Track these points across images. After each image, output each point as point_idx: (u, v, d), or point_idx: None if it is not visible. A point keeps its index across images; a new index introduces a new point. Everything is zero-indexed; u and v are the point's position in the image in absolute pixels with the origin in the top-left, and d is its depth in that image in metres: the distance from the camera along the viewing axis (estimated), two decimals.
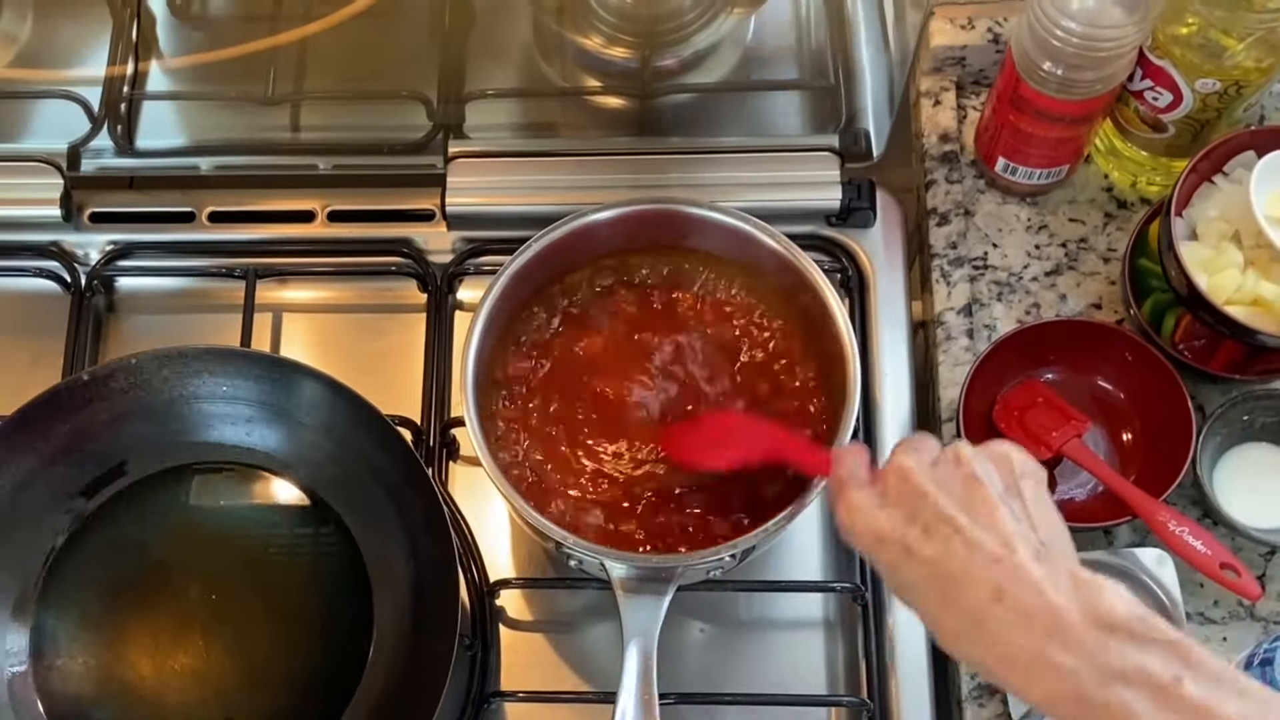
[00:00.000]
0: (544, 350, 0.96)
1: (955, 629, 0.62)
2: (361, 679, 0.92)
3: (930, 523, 0.64)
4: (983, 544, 0.63)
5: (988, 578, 0.62)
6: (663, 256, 0.98)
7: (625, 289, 0.98)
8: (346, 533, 0.95)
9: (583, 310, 0.97)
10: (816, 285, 0.92)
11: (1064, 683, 0.59)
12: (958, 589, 0.62)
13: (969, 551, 0.63)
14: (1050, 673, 0.59)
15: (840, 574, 0.99)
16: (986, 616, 0.61)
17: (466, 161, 1.09)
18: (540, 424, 0.94)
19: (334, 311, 1.10)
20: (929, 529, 0.64)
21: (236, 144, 1.16)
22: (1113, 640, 0.59)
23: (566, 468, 0.93)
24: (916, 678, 0.94)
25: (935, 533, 0.64)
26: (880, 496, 0.68)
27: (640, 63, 1.16)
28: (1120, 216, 1.06)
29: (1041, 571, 0.61)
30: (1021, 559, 0.62)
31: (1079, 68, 0.92)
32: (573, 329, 0.97)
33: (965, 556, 0.62)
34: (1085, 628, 0.59)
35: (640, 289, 0.98)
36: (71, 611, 0.93)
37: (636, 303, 0.98)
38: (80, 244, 1.10)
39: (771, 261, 0.94)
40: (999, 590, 0.61)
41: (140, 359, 0.94)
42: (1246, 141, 0.94)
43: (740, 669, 0.97)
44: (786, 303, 0.96)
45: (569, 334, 0.96)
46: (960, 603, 0.62)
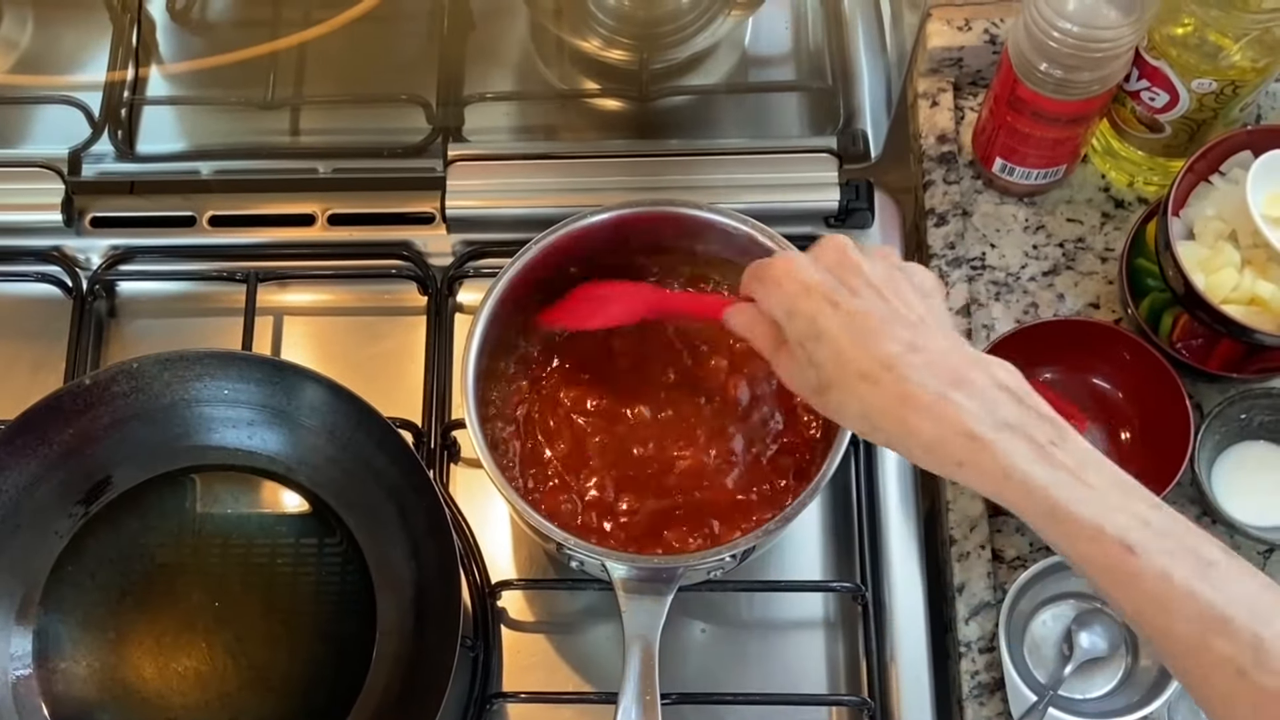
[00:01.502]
0: (544, 353, 0.96)
1: (862, 370, 0.67)
2: (364, 681, 0.92)
3: (858, 287, 0.70)
4: (903, 312, 0.69)
5: (905, 335, 0.68)
6: (662, 258, 0.98)
7: None
8: (348, 535, 0.96)
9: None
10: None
11: (961, 420, 0.65)
12: (875, 338, 0.68)
13: (890, 312, 0.69)
14: (949, 410, 0.65)
15: (840, 574, 1.00)
16: (897, 362, 0.67)
17: (466, 164, 1.09)
18: (540, 426, 0.94)
19: (335, 314, 1.10)
20: (856, 291, 0.70)
21: (237, 148, 1.16)
22: (1002, 396, 0.66)
23: (567, 469, 0.93)
24: (917, 677, 0.95)
25: (861, 294, 0.70)
26: (815, 261, 0.72)
27: (638, 65, 1.16)
28: (1117, 216, 1.06)
29: (951, 344, 0.69)
30: (936, 330, 0.69)
31: (1075, 68, 0.92)
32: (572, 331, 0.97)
33: (886, 315, 0.69)
34: (985, 384, 0.66)
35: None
36: (75, 615, 0.93)
37: None
38: (81, 249, 1.10)
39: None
40: (913, 344, 0.68)
41: (141, 363, 0.94)
42: (1243, 141, 0.95)
43: (741, 669, 0.98)
44: None
45: (571, 336, 0.97)
46: (874, 349, 0.67)
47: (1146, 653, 0.92)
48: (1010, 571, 0.96)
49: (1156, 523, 0.63)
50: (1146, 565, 0.61)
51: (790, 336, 0.71)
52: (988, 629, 0.94)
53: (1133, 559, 0.61)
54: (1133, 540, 0.62)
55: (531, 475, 0.93)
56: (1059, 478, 0.64)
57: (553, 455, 0.93)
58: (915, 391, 0.66)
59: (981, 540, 0.96)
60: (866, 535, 0.99)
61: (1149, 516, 0.63)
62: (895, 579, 0.97)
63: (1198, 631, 0.60)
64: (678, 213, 0.95)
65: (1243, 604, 0.60)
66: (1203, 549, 0.62)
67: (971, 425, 0.65)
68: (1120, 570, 0.62)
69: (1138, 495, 0.64)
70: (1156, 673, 0.91)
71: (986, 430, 0.65)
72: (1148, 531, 0.62)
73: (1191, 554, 0.62)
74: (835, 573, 1.00)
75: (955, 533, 0.97)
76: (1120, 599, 0.63)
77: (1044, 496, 0.63)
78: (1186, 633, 0.61)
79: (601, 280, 0.93)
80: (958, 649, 0.94)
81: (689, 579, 0.90)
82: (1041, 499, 0.63)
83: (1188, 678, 0.62)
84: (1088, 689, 0.93)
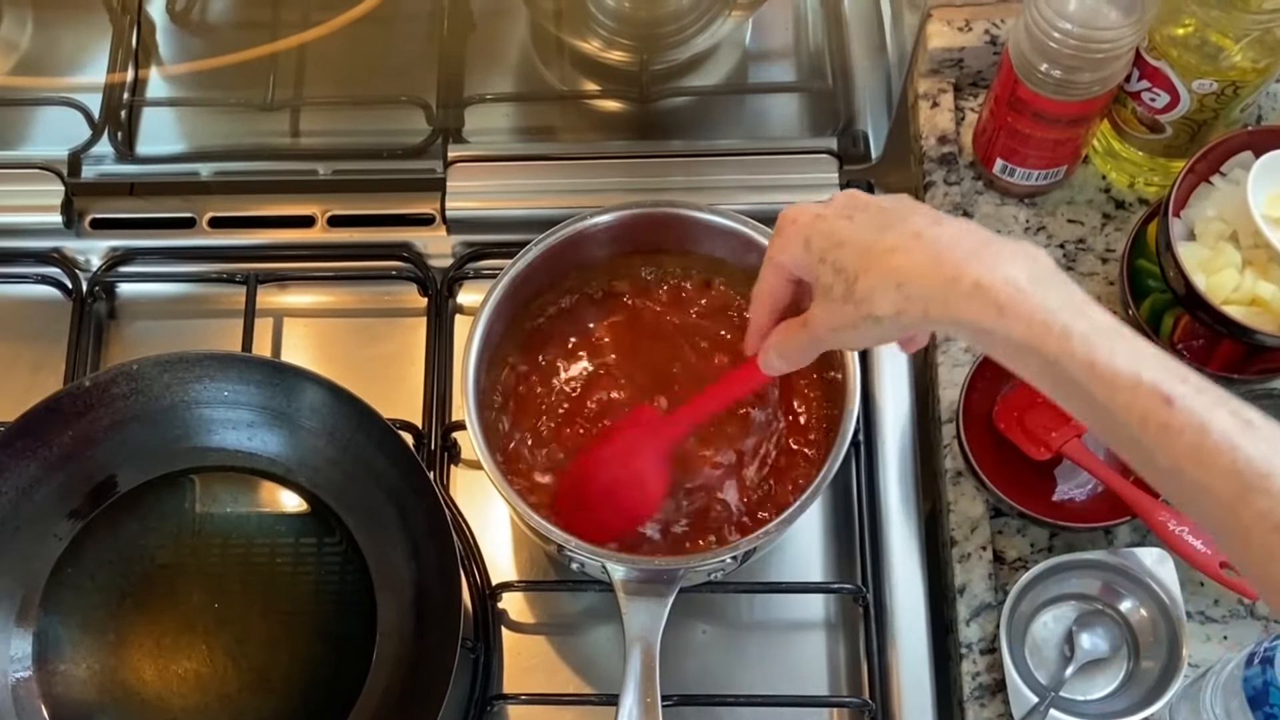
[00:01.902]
0: (545, 354, 0.96)
1: (890, 245, 0.67)
2: (364, 682, 0.92)
3: (867, 205, 0.72)
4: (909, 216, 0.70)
5: (927, 216, 0.69)
6: (662, 259, 0.98)
7: (624, 292, 0.98)
8: (349, 536, 0.96)
9: (583, 314, 0.97)
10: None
11: (1003, 267, 0.64)
12: (898, 220, 0.69)
13: (898, 214, 0.70)
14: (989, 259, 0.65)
15: (841, 575, 1.00)
16: (925, 231, 0.67)
17: (466, 166, 1.09)
18: (541, 427, 0.94)
19: (335, 316, 1.10)
20: (864, 207, 0.71)
21: (237, 149, 1.16)
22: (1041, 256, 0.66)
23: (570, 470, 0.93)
24: (918, 678, 0.95)
25: (869, 209, 0.71)
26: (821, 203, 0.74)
27: (639, 66, 1.16)
28: (1118, 217, 1.06)
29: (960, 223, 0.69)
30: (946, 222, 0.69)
31: (1076, 69, 0.92)
32: (574, 332, 0.97)
33: (902, 209, 0.70)
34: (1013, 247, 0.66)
35: (639, 292, 0.98)
36: (75, 617, 0.93)
37: (636, 306, 0.98)
38: (81, 250, 1.10)
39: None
40: (937, 220, 0.68)
41: (141, 365, 0.94)
42: (1244, 142, 0.94)
43: (742, 670, 0.97)
44: None
45: (571, 337, 0.97)
46: (899, 228, 0.68)
47: (1148, 654, 0.92)
48: (1011, 573, 0.96)
49: (1194, 379, 0.61)
50: (1185, 417, 0.60)
51: (812, 261, 0.71)
52: (989, 630, 0.94)
53: (1170, 410, 0.60)
54: (1172, 391, 0.60)
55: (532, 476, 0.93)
56: (1096, 330, 0.62)
57: (553, 457, 0.93)
58: (951, 247, 0.66)
59: (983, 541, 0.96)
60: (868, 536, 0.99)
61: (1186, 374, 0.61)
62: (896, 580, 0.97)
63: (1236, 488, 0.59)
64: (678, 214, 0.95)
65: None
66: (1242, 409, 0.60)
67: (1013, 275, 0.64)
68: (1158, 420, 0.60)
69: (1172, 358, 0.63)
70: (1158, 674, 0.91)
71: (1025, 280, 0.64)
72: (1187, 385, 0.60)
73: (1231, 411, 0.60)
74: (836, 574, 1.00)
75: (956, 534, 0.96)
76: (1157, 453, 0.61)
77: (1082, 347, 0.62)
78: (1224, 488, 0.59)
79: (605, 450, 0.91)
80: (959, 650, 0.94)
81: (690, 580, 0.90)
82: (1080, 349, 0.62)
83: (1225, 536, 0.61)
84: (1089, 690, 0.93)
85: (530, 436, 0.94)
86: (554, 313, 0.98)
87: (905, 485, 1.00)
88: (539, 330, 0.97)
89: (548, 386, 0.96)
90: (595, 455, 0.91)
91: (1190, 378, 0.61)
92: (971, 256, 0.65)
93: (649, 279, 0.98)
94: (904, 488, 1.00)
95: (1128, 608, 0.93)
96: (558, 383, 0.96)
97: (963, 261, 0.65)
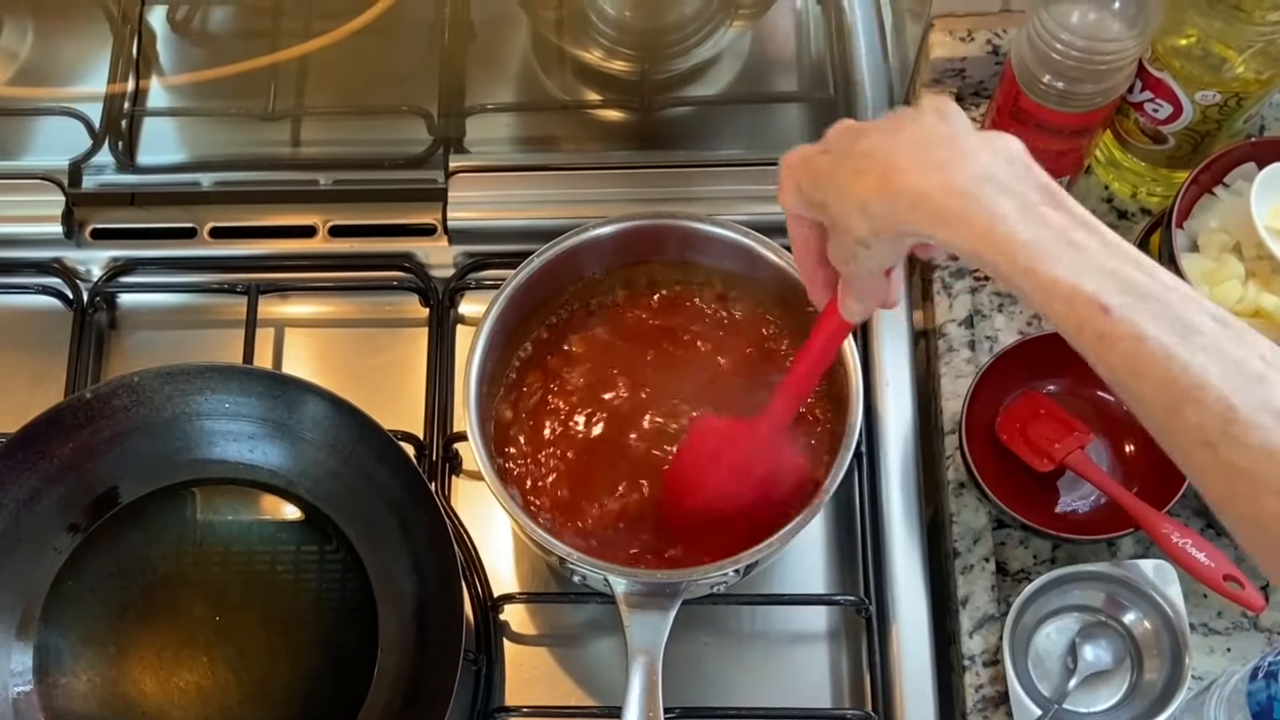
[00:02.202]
0: (547, 365, 0.96)
1: (854, 168, 0.67)
2: (366, 695, 0.92)
3: (851, 129, 0.70)
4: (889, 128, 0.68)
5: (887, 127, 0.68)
6: (664, 270, 0.98)
7: (626, 303, 0.98)
8: (350, 548, 0.95)
9: (586, 325, 0.97)
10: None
11: (946, 179, 0.63)
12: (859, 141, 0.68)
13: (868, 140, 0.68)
14: (934, 174, 0.64)
15: (844, 587, 0.99)
16: (878, 148, 0.66)
17: (467, 176, 1.09)
18: (543, 438, 0.94)
19: (336, 326, 1.10)
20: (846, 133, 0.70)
21: (238, 159, 1.16)
22: (999, 160, 0.65)
23: (570, 482, 0.93)
24: (921, 690, 0.94)
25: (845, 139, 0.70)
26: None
27: (640, 76, 1.16)
28: (1121, 227, 1.06)
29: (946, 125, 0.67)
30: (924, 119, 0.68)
31: (1079, 80, 0.92)
32: (576, 343, 0.97)
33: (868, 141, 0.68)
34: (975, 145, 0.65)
35: (641, 303, 0.98)
36: (76, 630, 0.93)
37: (637, 317, 0.98)
38: (82, 260, 1.10)
39: (771, 274, 0.94)
40: (896, 128, 0.67)
41: (142, 377, 0.94)
42: (1247, 153, 0.94)
43: (745, 682, 0.97)
44: (787, 314, 0.96)
45: (573, 348, 0.97)
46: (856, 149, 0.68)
47: (1151, 666, 0.92)
48: (1014, 584, 0.96)
49: (1142, 285, 0.60)
50: (1122, 326, 0.59)
51: (805, 201, 0.71)
52: (992, 642, 0.94)
53: (1107, 319, 0.59)
54: (1111, 301, 0.59)
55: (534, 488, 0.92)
56: (1043, 235, 0.61)
57: (555, 468, 0.93)
58: (896, 159, 0.65)
59: (985, 553, 0.96)
60: (870, 548, 0.98)
61: (1135, 279, 0.60)
62: (899, 592, 0.97)
63: (1170, 399, 0.58)
64: (680, 225, 0.95)
65: (1221, 370, 0.57)
66: (1192, 315, 0.59)
67: (956, 182, 0.63)
68: (1094, 329, 0.59)
69: (1129, 259, 0.61)
70: (1161, 686, 0.90)
71: (970, 186, 0.63)
72: (1129, 294, 0.59)
73: (1176, 318, 0.58)
74: (839, 586, 1.00)
75: (959, 545, 0.96)
76: (1096, 361, 0.60)
77: (1024, 254, 0.61)
78: (1157, 399, 0.58)
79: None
80: (961, 662, 0.94)
81: (692, 593, 0.90)
82: (1021, 256, 0.61)
83: (1167, 449, 0.60)
84: (1092, 702, 0.93)
85: (532, 447, 0.94)
86: (556, 323, 0.98)
87: (908, 496, 0.99)
88: (541, 341, 0.97)
89: (549, 396, 0.96)
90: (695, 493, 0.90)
91: (1140, 282, 0.60)
92: (914, 168, 0.65)
93: (650, 290, 0.98)
94: (907, 499, 0.99)
95: (1131, 620, 0.93)
96: (559, 392, 0.96)
97: (905, 173, 0.65)
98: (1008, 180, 0.64)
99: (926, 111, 0.68)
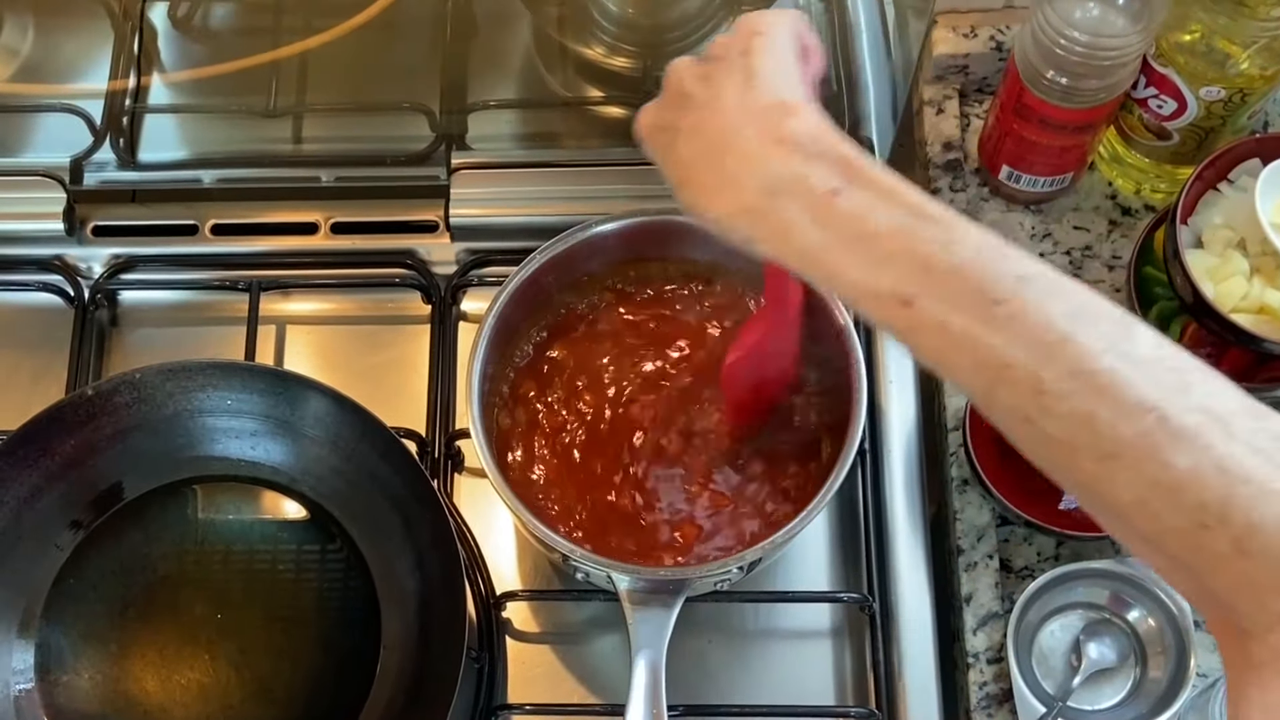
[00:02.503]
0: (549, 362, 0.96)
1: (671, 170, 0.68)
2: (369, 693, 0.91)
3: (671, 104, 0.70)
4: (700, 96, 0.67)
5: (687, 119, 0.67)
6: (669, 267, 0.97)
7: (630, 300, 0.98)
8: (353, 546, 0.95)
9: (588, 322, 0.97)
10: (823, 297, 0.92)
11: (735, 196, 0.63)
12: (672, 146, 0.68)
13: (697, 113, 0.67)
14: (724, 187, 0.63)
15: (848, 584, 0.99)
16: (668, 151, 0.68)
17: (470, 173, 1.09)
18: (546, 435, 0.94)
19: (338, 323, 1.10)
20: (671, 108, 0.69)
21: (239, 156, 1.16)
22: (778, 153, 0.62)
23: (573, 479, 0.93)
24: (924, 687, 0.94)
25: (668, 104, 0.69)
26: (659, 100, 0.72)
27: (642, 72, 1.16)
28: (1125, 224, 1.05)
29: (734, 101, 0.65)
30: (723, 102, 0.66)
31: (1083, 76, 0.92)
32: (578, 340, 0.97)
33: (697, 120, 0.67)
34: (758, 143, 0.63)
35: (645, 300, 0.98)
36: (78, 627, 0.93)
37: (641, 314, 0.97)
38: (83, 258, 1.10)
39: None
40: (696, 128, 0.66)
41: (144, 374, 0.94)
42: (1252, 149, 0.94)
43: (747, 680, 0.97)
44: None
45: (575, 345, 0.96)
46: (670, 156, 0.68)
47: (1156, 664, 0.92)
48: (1018, 581, 0.96)
49: (941, 264, 0.58)
50: (924, 317, 0.58)
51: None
52: (996, 639, 0.94)
53: (909, 312, 0.58)
54: (908, 291, 0.58)
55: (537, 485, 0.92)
56: (834, 236, 0.60)
57: (559, 465, 0.93)
58: (704, 180, 0.65)
59: (989, 550, 0.96)
60: (873, 545, 0.98)
61: (934, 258, 0.58)
62: (902, 589, 0.96)
63: (984, 383, 0.57)
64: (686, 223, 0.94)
65: (1026, 342, 0.56)
66: (996, 285, 0.57)
67: (743, 199, 0.62)
68: (900, 324, 0.59)
69: (927, 231, 0.59)
70: (1166, 684, 0.90)
71: (757, 200, 0.62)
72: (929, 278, 0.58)
73: (978, 294, 0.57)
74: (842, 583, 0.99)
75: (963, 542, 0.96)
76: (913, 353, 0.60)
77: (819, 261, 0.60)
78: (974, 384, 0.57)
79: None
80: (965, 660, 0.94)
81: (695, 590, 0.90)
82: (820, 265, 0.61)
83: (1000, 429, 0.59)
84: (1097, 700, 0.92)
85: (535, 445, 0.94)
86: (559, 321, 0.97)
87: (911, 493, 0.99)
88: (543, 339, 0.97)
89: (552, 393, 0.95)
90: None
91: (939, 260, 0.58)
92: (712, 185, 0.64)
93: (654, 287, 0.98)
94: (909, 495, 0.99)
95: (1135, 617, 0.93)
96: (561, 389, 0.95)
97: (707, 193, 0.65)
98: (795, 175, 0.62)
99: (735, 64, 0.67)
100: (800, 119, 0.64)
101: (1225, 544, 0.53)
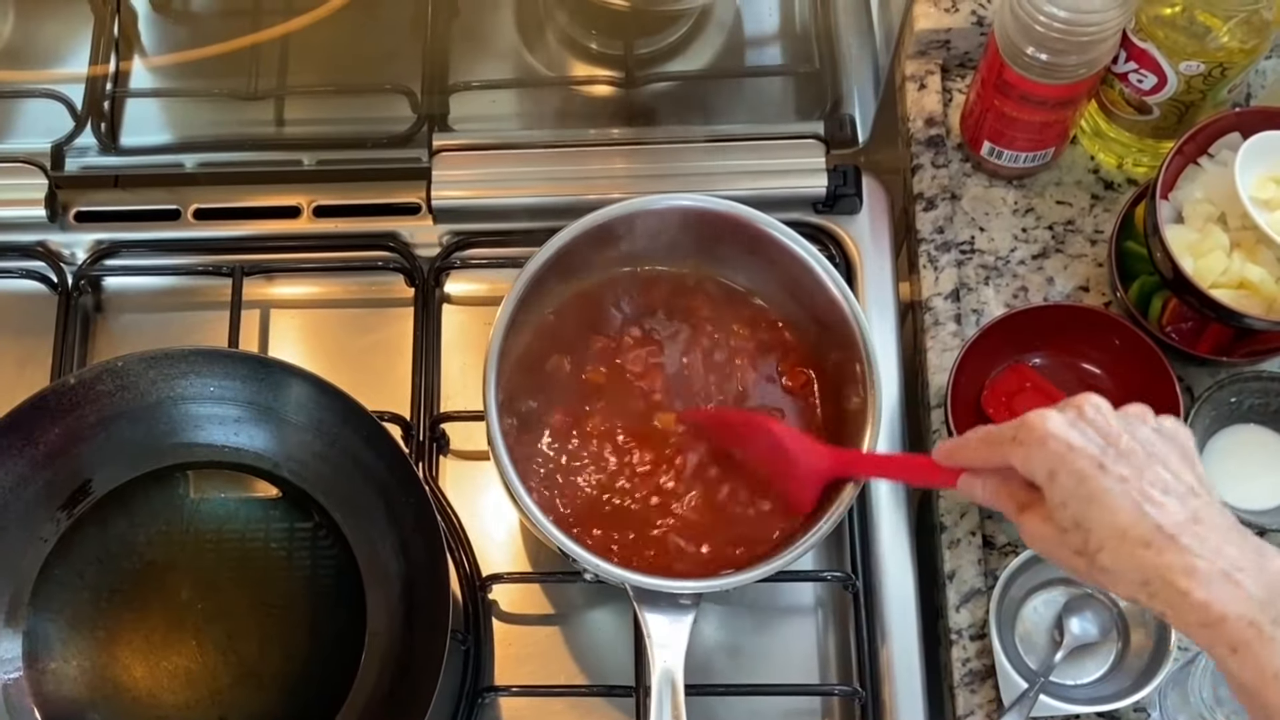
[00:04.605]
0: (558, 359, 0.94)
1: (1142, 536, 0.66)
2: (355, 676, 0.92)
3: (1125, 450, 0.68)
4: (1174, 481, 0.68)
5: (1187, 504, 0.67)
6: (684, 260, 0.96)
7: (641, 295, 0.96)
8: (337, 530, 0.95)
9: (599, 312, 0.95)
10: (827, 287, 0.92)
11: (1246, 603, 0.63)
12: (1154, 505, 0.67)
13: (1163, 479, 0.68)
14: (1235, 591, 0.64)
15: (831, 563, 0.99)
16: (1181, 532, 0.66)
17: (452, 154, 1.08)
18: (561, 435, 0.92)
19: (321, 307, 1.10)
20: (1124, 454, 0.68)
21: (221, 140, 1.16)
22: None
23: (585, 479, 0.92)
24: (908, 664, 0.95)
25: (1129, 458, 0.68)
26: (1073, 423, 0.70)
27: (624, 50, 1.15)
28: (1107, 198, 1.05)
29: (1228, 520, 0.67)
30: (1213, 503, 0.68)
31: (1063, 52, 0.91)
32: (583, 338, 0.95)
33: (1160, 482, 0.68)
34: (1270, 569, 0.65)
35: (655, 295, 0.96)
36: (64, 615, 0.93)
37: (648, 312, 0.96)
38: (66, 244, 1.10)
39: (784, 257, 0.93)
40: (1196, 516, 0.66)
41: (126, 361, 0.94)
42: (1232, 123, 0.94)
43: (732, 659, 0.98)
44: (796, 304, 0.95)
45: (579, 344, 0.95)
46: (1155, 515, 0.66)
47: (1137, 638, 0.92)
48: (1001, 558, 0.96)
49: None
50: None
51: (1052, 499, 0.69)
52: (979, 616, 0.94)
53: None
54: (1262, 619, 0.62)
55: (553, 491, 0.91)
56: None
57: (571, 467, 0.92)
58: (1201, 565, 0.64)
59: (972, 527, 0.96)
60: (857, 523, 0.99)
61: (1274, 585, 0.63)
62: (886, 567, 0.97)
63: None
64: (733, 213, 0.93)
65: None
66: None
67: (1255, 613, 0.63)
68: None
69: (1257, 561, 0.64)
70: (1147, 658, 0.91)
71: (1267, 623, 0.63)
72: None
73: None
74: (826, 562, 1.00)
75: (945, 520, 0.96)
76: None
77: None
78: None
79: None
80: (948, 636, 0.94)
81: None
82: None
83: None
84: (1079, 675, 0.93)
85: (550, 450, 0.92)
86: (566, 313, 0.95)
87: None
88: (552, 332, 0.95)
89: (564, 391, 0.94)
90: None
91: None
92: (1222, 580, 0.64)
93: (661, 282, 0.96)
94: None
95: None
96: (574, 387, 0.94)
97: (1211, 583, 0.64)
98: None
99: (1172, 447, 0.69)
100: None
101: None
